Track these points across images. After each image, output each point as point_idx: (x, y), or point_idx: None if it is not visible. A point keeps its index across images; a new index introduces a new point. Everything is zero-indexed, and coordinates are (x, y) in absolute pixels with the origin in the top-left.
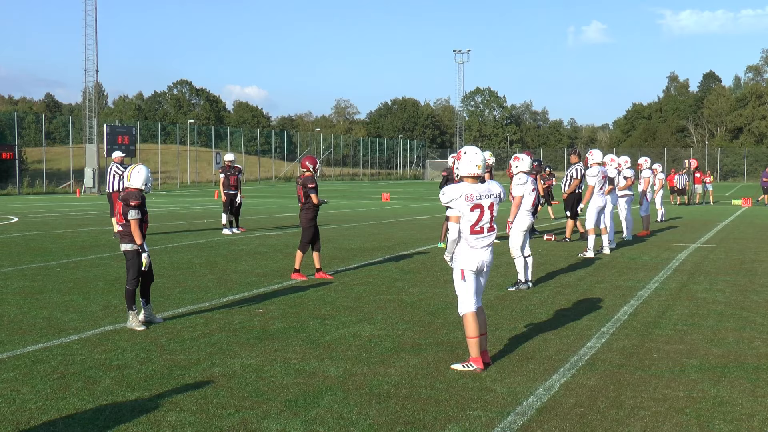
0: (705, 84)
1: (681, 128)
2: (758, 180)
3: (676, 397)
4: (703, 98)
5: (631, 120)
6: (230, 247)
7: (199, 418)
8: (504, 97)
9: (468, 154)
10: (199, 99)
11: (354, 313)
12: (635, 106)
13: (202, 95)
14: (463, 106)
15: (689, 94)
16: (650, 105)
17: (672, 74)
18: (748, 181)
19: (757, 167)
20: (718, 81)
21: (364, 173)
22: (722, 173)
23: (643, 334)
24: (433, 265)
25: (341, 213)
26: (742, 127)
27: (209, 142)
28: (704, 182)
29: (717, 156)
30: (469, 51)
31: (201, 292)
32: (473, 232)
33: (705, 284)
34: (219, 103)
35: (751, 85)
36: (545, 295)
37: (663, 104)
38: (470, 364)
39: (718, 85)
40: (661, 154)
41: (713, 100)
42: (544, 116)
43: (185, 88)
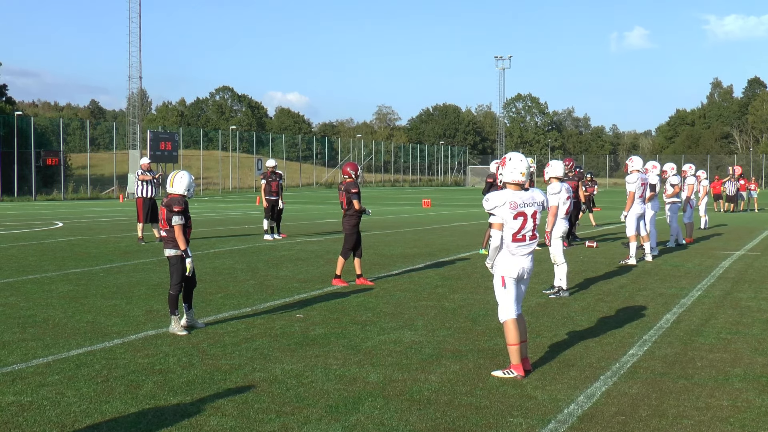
0: (750, 90)
1: (725, 134)
2: None
3: (720, 406)
4: (747, 104)
5: (674, 126)
6: (271, 253)
7: (240, 423)
8: (545, 104)
9: (513, 161)
10: (241, 105)
11: (394, 320)
12: (678, 112)
13: (244, 101)
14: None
15: (733, 100)
16: (693, 111)
17: (716, 80)
18: None
19: None
20: (763, 87)
21: (405, 179)
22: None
23: (686, 342)
24: (474, 271)
25: (382, 219)
26: None
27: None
28: (749, 189)
29: (762, 163)
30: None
31: (242, 298)
32: (515, 240)
33: (749, 292)
34: (261, 110)
35: None
36: (587, 303)
37: (706, 110)
38: (511, 371)
39: (764, 91)
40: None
41: (758, 105)
42: (586, 122)
43: (227, 95)
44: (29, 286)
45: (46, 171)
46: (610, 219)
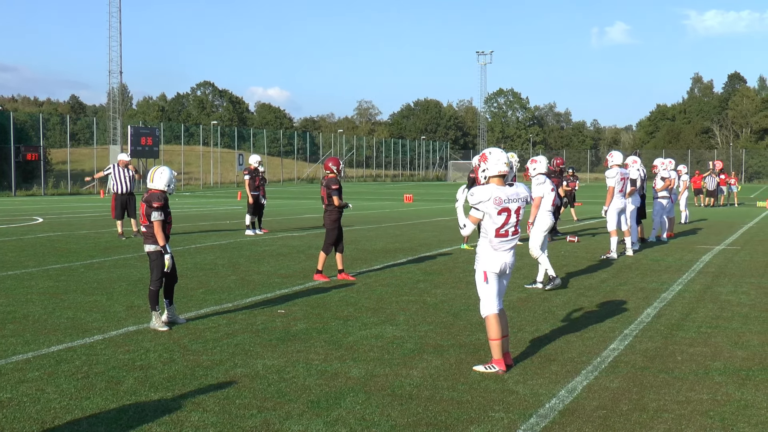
0: (730, 85)
1: (705, 129)
2: None
3: (700, 400)
4: (727, 99)
5: (654, 121)
6: (253, 249)
7: (221, 419)
8: (527, 99)
9: (494, 153)
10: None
11: (376, 315)
12: (659, 107)
13: (225, 97)
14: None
15: (714, 95)
16: (674, 106)
17: (696, 75)
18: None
19: None
20: (743, 82)
21: (386, 174)
22: (747, 175)
23: (667, 336)
24: (456, 266)
25: (364, 214)
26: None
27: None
28: (729, 184)
29: (742, 158)
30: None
31: (224, 293)
32: (498, 235)
33: (729, 287)
34: (242, 105)
35: None
36: (568, 297)
37: (687, 105)
38: (492, 366)
39: (743, 86)
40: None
41: (738, 101)
42: (567, 117)
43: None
44: (9, 282)
45: (26, 166)
46: (591, 214)
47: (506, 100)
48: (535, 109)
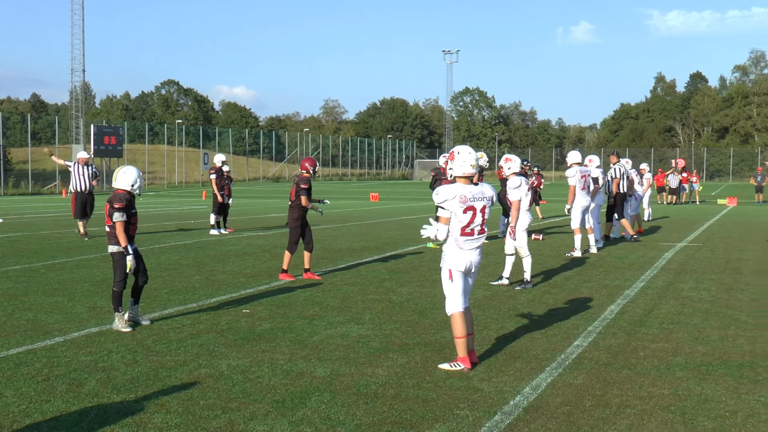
0: (692, 84)
1: (668, 128)
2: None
3: (662, 395)
4: (689, 98)
5: (618, 120)
6: (218, 248)
7: (185, 420)
8: (493, 97)
9: (462, 154)
10: (187, 99)
11: (342, 314)
12: (623, 106)
13: (190, 95)
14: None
15: (676, 95)
16: (638, 105)
17: (659, 74)
18: (733, 180)
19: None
20: (704, 81)
21: (352, 173)
22: (708, 173)
23: (630, 332)
24: (422, 265)
25: (330, 213)
26: (728, 127)
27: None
28: (690, 182)
29: (703, 156)
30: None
31: (188, 293)
32: (464, 234)
33: (691, 283)
34: (207, 104)
35: (737, 86)
36: (532, 295)
37: (650, 104)
38: (457, 364)
39: (705, 86)
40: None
41: (700, 100)
42: (533, 116)
43: (173, 89)
44: None
45: None
46: (555, 212)
47: (472, 98)
48: (501, 107)
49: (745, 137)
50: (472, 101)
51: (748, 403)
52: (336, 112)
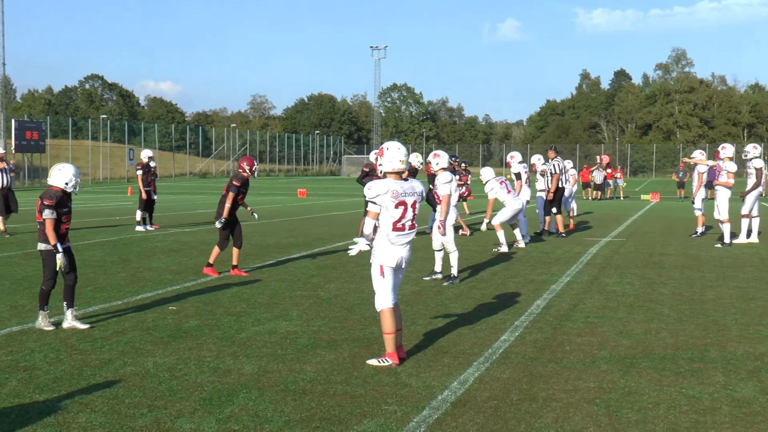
0: (616, 81)
1: (593, 125)
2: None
3: (587, 388)
4: (614, 95)
5: (544, 116)
6: (144, 245)
7: (110, 419)
8: (420, 93)
9: (391, 150)
10: (112, 94)
11: (269, 310)
12: (549, 102)
13: (114, 90)
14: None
15: (601, 92)
16: (563, 102)
17: (584, 71)
18: (656, 176)
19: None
20: (628, 79)
21: (280, 169)
22: (632, 169)
23: (556, 327)
24: (350, 261)
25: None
26: (651, 123)
27: (122, 138)
28: (615, 178)
29: (627, 152)
30: (386, 47)
31: (113, 291)
32: (395, 229)
33: (615, 277)
34: (132, 99)
35: (659, 83)
36: (460, 290)
37: (576, 101)
38: (386, 360)
39: (629, 83)
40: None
41: (624, 97)
42: (460, 112)
43: (97, 83)
44: None
45: None
46: (483, 207)
47: (400, 95)
48: (429, 104)
49: (667, 134)
50: (399, 97)
51: (670, 395)
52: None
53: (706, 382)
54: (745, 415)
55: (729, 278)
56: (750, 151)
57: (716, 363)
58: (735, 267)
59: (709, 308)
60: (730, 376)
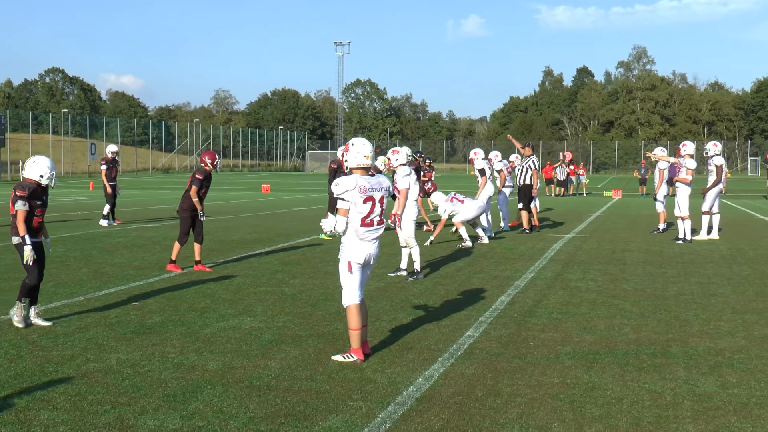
0: (578, 78)
1: (556, 121)
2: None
3: (551, 383)
4: (576, 92)
5: (508, 113)
6: (106, 240)
7: (72, 416)
8: (384, 89)
9: (356, 146)
10: (73, 88)
11: (234, 306)
12: (512, 99)
13: (76, 84)
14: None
15: (564, 88)
16: (527, 98)
17: (547, 68)
18: (618, 173)
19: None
20: (590, 76)
21: (243, 164)
22: (594, 166)
23: (520, 323)
24: (314, 256)
25: (220, 205)
26: (613, 121)
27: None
28: (578, 174)
29: (590, 149)
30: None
31: (75, 286)
32: (364, 225)
33: (578, 273)
34: (94, 92)
35: (621, 81)
36: (425, 286)
37: (539, 98)
38: (351, 355)
39: (591, 80)
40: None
41: (586, 94)
42: (424, 108)
43: (58, 77)
44: None
45: None
46: None
47: (364, 90)
48: (393, 99)
49: (629, 131)
50: (363, 93)
51: (633, 390)
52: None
53: (668, 377)
54: (706, 409)
55: (690, 274)
56: (710, 149)
57: (678, 358)
58: (696, 263)
59: (671, 304)
60: (692, 371)
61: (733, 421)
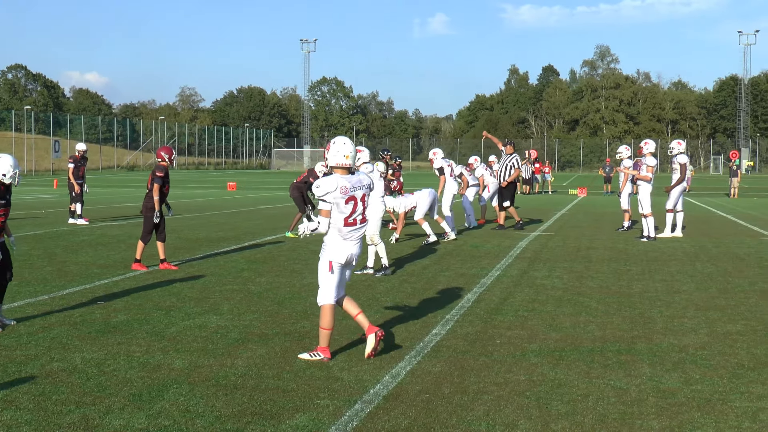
0: (544, 77)
1: (521, 119)
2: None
3: (517, 380)
4: (542, 91)
5: (474, 111)
6: (70, 238)
7: (36, 416)
8: (350, 87)
9: (336, 145)
10: (36, 85)
11: (200, 304)
12: (478, 97)
13: (39, 81)
14: (309, 96)
15: (529, 87)
16: (492, 96)
17: (513, 67)
18: (583, 171)
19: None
20: (556, 74)
21: (209, 162)
22: (560, 164)
23: (486, 320)
24: (280, 254)
25: (186, 203)
26: (578, 119)
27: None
28: (543, 172)
29: (555, 147)
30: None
31: (39, 285)
32: (347, 224)
33: (544, 271)
34: (57, 90)
35: (586, 79)
36: (391, 284)
37: (504, 96)
38: (318, 354)
39: (556, 79)
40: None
41: (552, 92)
42: (390, 106)
43: (20, 73)
44: None
45: None
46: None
47: (330, 88)
48: (359, 97)
49: (594, 129)
50: (329, 91)
51: (598, 387)
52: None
53: (633, 374)
54: (670, 405)
55: (655, 272)
56: (675, 147)
57: (643, 355)
58: (660, 261)
59: (636, 301)
60: (656, 367)
61: (696, 417)
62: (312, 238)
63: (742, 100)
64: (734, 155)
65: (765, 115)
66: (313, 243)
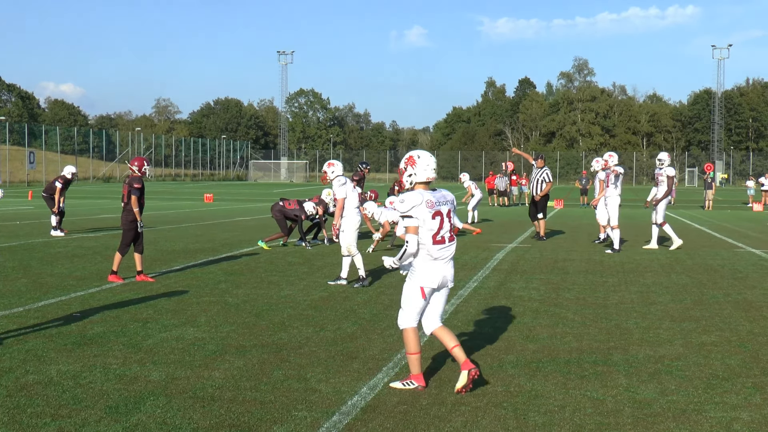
0: (521, 89)
1: (498, 132)
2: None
3: (495, 392)
4: (518, 103)
5: (451, 123)
6: (45, 250)
7: (11, 429)
8: (327, 99)
9: (423, 158)
10: (11, 95)
11: (177, 316)
12: (455, 109)
13: (13, 91)
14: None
15: (506, 99)
16: (469, 109)
17: (490, 79)
18: (560, 183)
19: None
20: (532, 87)
21: (186, 174)
22: None
23: (463, 332)
24: (257, 266)
25: (163, 214)
26: (554, 131)
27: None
28: (520, 184)
29: None
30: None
31: (13, 297)
32: (436, 242)
33: (521, 282)
34: (32, 100)
35: (563, 92)
36: (369, 295)
37: (481, 108)
38: (411, 382)
39: (533, 91)
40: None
41: (528, 105)
42: (367, 118)
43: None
44: None
45: None
46: None
47: (307, 100)
48: (336, 109)
49: (570, 142)
50: (306, 103)
51: (575, 398)
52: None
53: (609, 384)
54: (646, 416)
55: (630, 283)
56: (665, 160)
57: (619, 366)
58: (636, 272)
59: (612, 312)
60: (632, 378)
61: (672, 427)
62: (315, 248)
63: (716, 114)
64: (709, 168)
65: (738, 128)
66: (290, 254)
